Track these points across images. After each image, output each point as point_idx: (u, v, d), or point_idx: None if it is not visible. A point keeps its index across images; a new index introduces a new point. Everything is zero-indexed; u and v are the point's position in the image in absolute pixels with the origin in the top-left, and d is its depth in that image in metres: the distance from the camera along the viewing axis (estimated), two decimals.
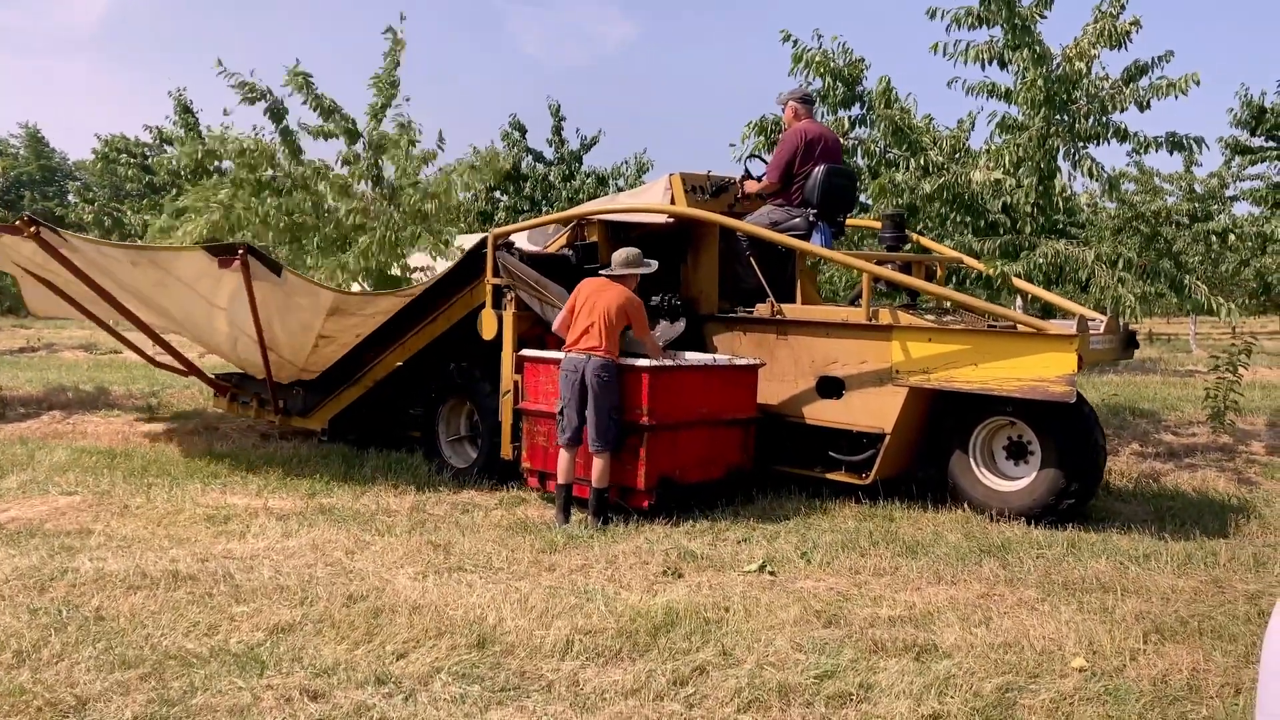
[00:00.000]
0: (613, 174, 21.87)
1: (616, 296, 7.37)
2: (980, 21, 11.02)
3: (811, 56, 11.92)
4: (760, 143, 11.80)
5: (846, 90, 12.14)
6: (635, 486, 7.50)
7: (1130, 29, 10.58)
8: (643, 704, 4.27)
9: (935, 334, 7.69)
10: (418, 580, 5.94)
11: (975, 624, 5.25)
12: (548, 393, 7.87)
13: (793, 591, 5.83)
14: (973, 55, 11.11)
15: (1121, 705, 4.21)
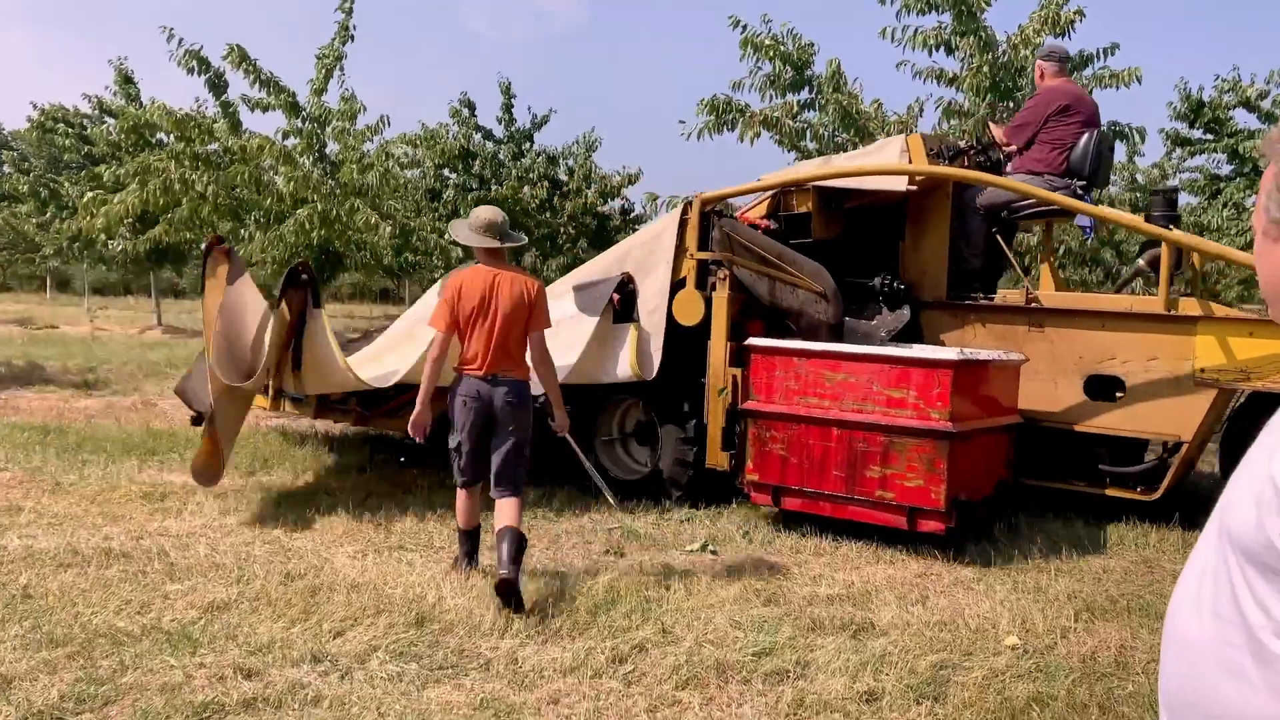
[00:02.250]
0: (563, 153, 21.73)
1: (522, 287, 5.44)
2: (929, 7, 11.12)
3: (760, 41, 11.95)
4: (710, 122, 11.81)
5: (796, 74, 12.19)
6: (930, 507, 6.12)
7: (1074, 18, 10.75)
8: (581, 681, 4.27)
9: (1259, 328, 6.42)
10: (357, 559, 5.88)
11: (912, 603, 5.32)
12: (787, 391, 6.61)
13: (734, 570, 5.86)
14: (921, 40, 11.21)
15: (1051, 681, 4.29)
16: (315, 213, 10.66)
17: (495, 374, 5.33)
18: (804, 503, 6.60)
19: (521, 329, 5.37)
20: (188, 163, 10.84)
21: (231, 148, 10.98)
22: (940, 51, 11.41)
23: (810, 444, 6.49)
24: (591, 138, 22.05)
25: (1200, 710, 1.35)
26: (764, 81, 12.14)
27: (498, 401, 5.34)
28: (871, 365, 6.31)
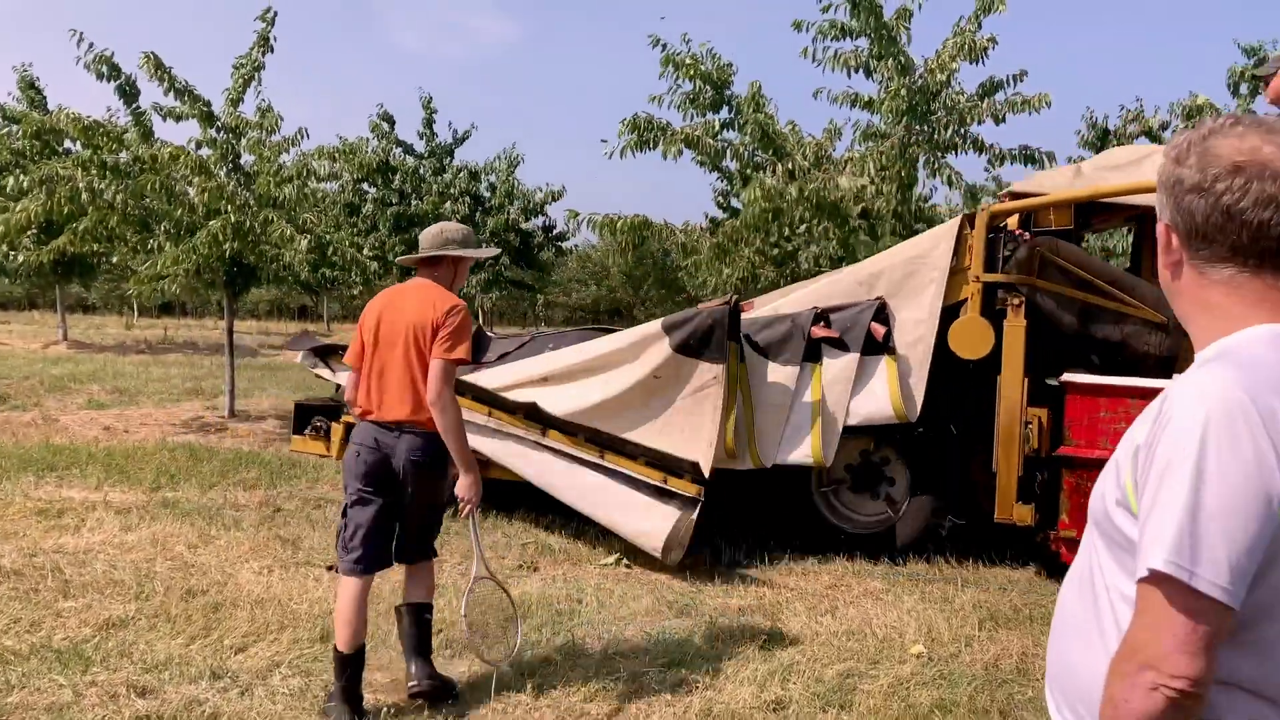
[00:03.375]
0: (485, 169, 21.65)
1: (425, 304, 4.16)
2: (845, 33, 11.32)
3: (680, 59, 12.05)
4: (632, 140, 11.85)
5: (715, 94, 12.31)
6: None
7: (988, 45, 11.01)
8: (488, 694, 4.22)
9: None
10: (262, 575, 5.74)
11: (822, 613, 5.37)
12: (1115, 435, 5.50)
13: (647, 583, 5.86)
14: (840, 62, 11.39)
15: (954, 688, 4.36)
16: (229, 224, 10.42)
17: (397, 421, 4.13)
18: None
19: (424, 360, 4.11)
20: (95, 171, 10.54)
21: (142, 157, 10.70)
22: (859, 74, 11.61)
23: None
24: (514, 154, 22.01)
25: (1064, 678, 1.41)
26: (684, 100, 12.23)
27: (400, 458, 4.12)
28: None
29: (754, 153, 12.18)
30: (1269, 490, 1.22)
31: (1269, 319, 1.34)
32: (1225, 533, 1.22)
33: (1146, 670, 1.25)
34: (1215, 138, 1.37)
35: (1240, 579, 1.22)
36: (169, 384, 15.68)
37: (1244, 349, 1.33)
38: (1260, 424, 1.24)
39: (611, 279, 43.67)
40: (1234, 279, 1.37)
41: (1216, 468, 1.23)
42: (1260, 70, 6.85)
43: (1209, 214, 1.36)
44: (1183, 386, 1.31)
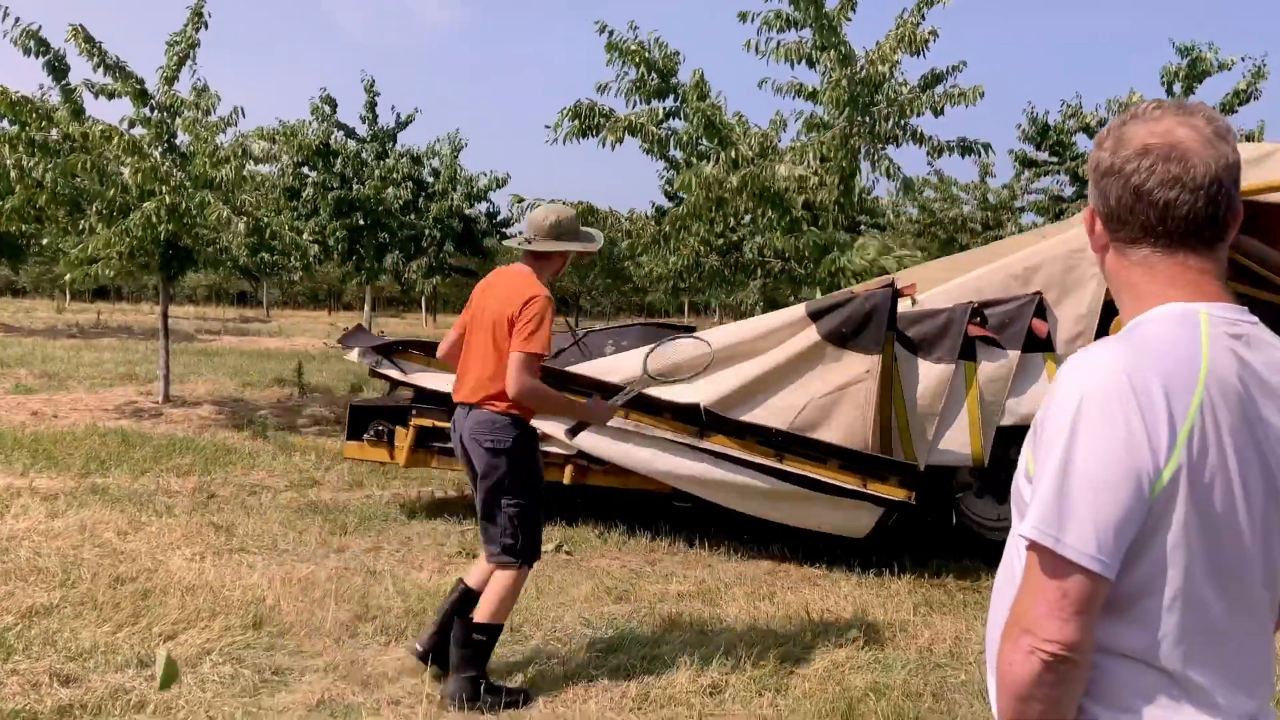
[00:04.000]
0: (428, 153, 21.43)
1: (509, 290, 4.18)
2: (789, 24, 11.36)
3: (626, 46, 12.01)
4: (575, 127, 11.79)
5: (661, 82, 12.29)
6: None
7: (929, 38, 11.12)
8: (424, 682, 4.18)
9: None
10: (194, 561, 5.64)
11: (760, 598, 5.40)
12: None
13: (587, 570, 5.84)
14: (783, 53, 11.43)
15: (888, 672, 4.41)
16: (163, 206, 10.18)
17: (468, 402, 4.19)
18: None
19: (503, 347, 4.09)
20: (23, 148, 10.24)
21: (73, 135, 10.42)
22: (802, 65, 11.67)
23: None
24: (458, 139, 21.82)
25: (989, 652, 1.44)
26: (630, 87, 12.20)
27: (466, 436, 4.18)
28: None
29: (698, 141, 12.18)
30: (1138, 467, 1.25)
31: (1182, 298, 1.36)
32: (1092, 504, 1.25)
33: (1025, 635, 1.29)
34: (1133, 122, 1.39)
35: (1109, 550, 1.25)
36: (101, 369, 15.34)
37: (1144, 327, 1.36)
38: (1134, 402, 1.26)
39: None
40: (1148, 259, 1.39)
41: (1086, 442, 1.26)
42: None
43: (1120, 195, 1.38)
44: (1069, 364, 1.33)
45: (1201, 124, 1.35)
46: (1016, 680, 1.30)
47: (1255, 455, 1.30)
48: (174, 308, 15.09)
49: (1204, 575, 1.29)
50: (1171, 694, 1.31)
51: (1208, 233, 1.36)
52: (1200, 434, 1.27)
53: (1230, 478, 1.28)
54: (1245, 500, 1.29)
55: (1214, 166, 1.33)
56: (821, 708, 4.02)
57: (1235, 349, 1.32)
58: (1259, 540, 1.31)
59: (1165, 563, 1.28)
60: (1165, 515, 1.27)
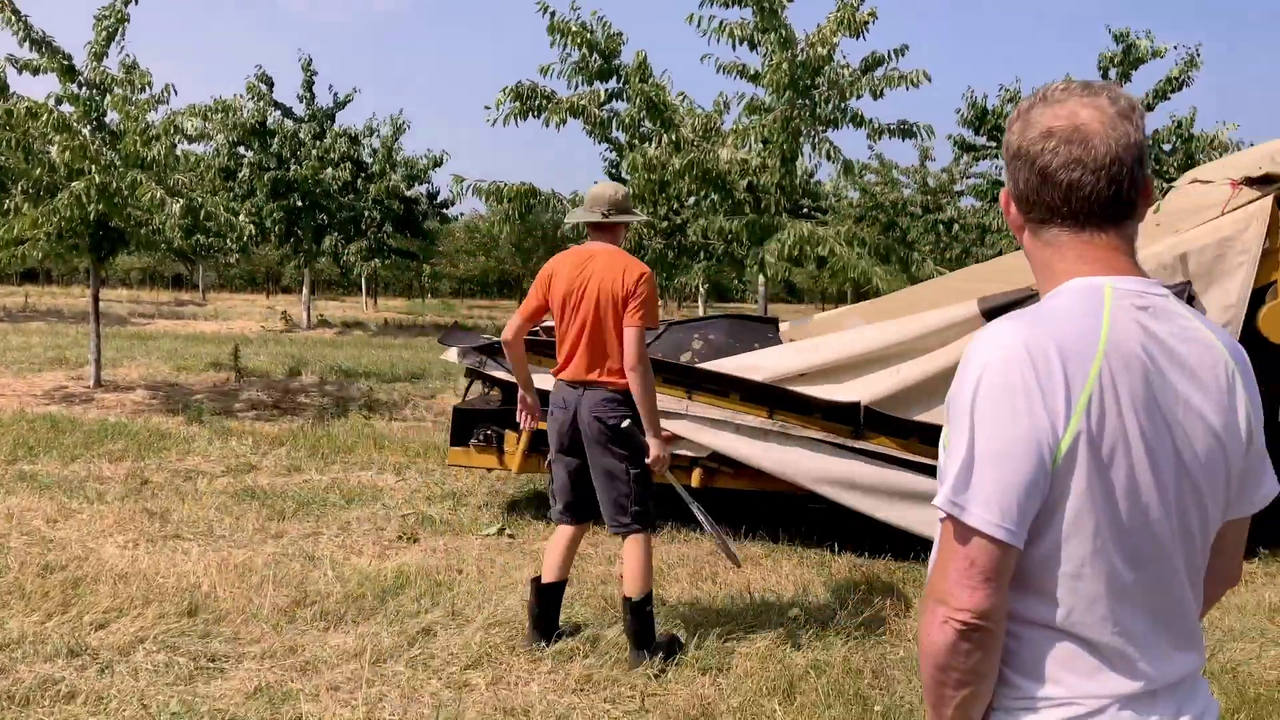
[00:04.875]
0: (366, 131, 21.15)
1: (612, 269, 4.32)
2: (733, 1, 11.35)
3: (568, 27, 11.92)
4: (516, 108, 11.69)
5: (604, 63, 12.22)
6: None
7: (868, 20, 11.17)
8: (364, 667, 4.14)
9: None
10: (127, 549, 5.52)
11: (703, 579, 5.42)
12: None
13: (529, 553, 5.82)
14: (725, 32, 11.42)
15: (829, 649, 4.45)
16: (93, 185, 9.91)
17: (585, 379, 4.32)
18: None
19: (615, 325, 4.27)
20: None
21: None
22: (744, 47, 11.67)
23: None
24: (399, 120, 21.55)
25: None
26: (572, 68, 12.12)
27: (585, 413, 4.29)
28: None
29: (641, 123, 12.14)
30: (1038, 435, 1.27)
31: (1089, 273, 1.38)
32: (995, 473, 1.27)
33: (939, 606, 1.31)
34: (1040, 105, 1.41)
35: (1013, 518, 1.27)
36: (30, 353, 14.94)
37: (1050, 301, 1.38)
38: (1032, 372, 1.28)
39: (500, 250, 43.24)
40: (1058, 238, 1.41)
41: (988, 413, 1.29)
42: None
43: (1028, 177, 1.40)
44: (975, 339, 1.35)
45: (1105, 104, 1.37)
46: (934, 650, 1.32)
47: (1163, 422, 1.32)
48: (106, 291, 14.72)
49: (1112, 542, 1.31)
50: (1089, 661, 1.33)
51: (1112, 210, 1.38)
52: (1099, 401, 1.29)
53: (1133, 444, 1.30)
54: (1152, 466, 1.31)
55: (1115, 147, 1.35)
56: (762, 686, 4.05)
57: (1141, 320, 1.34)
58: (1171, 506, 1.34)
59: (1071, 530, 1.30)
60: (1068, 483, 1.29)
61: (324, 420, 10.20)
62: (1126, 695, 1.33)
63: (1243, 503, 1.43)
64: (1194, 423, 1.34)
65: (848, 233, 11.06)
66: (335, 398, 11.77)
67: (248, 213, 18.21)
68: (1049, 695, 1.34)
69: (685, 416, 5.95)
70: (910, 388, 5.86)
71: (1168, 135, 18.69)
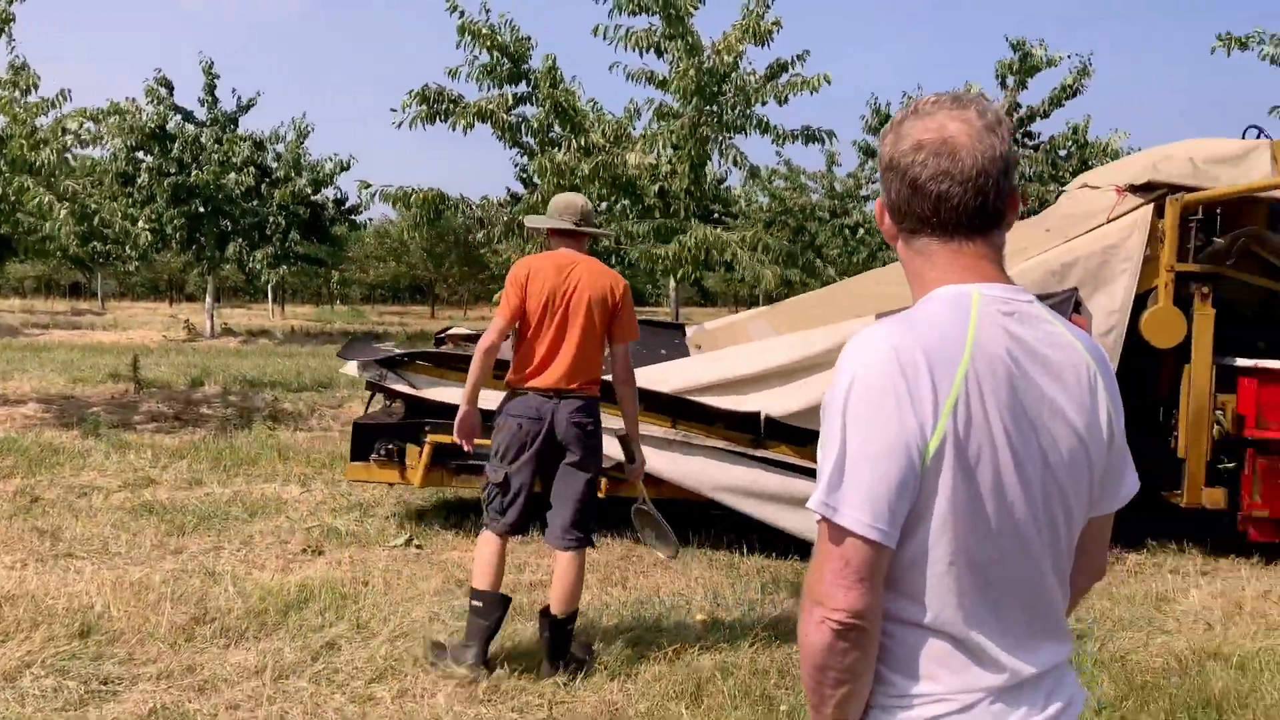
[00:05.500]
0: (271, 138, 20.72)
1: (600, 279, 4.31)
2: (640, 9, 11.42)
3: (478, 29, 11.87)
4: (422, 112, 11.59)
5: (513, 66, 12.19)
6: None
7: (773, 28, 11.35)
8: (266, 684, 4.05)
9: None
10: (14, 570, 5.31)
11: (613, 584, 5.43)
12: None
13: (438, 563, 5.76)
14: (633, 41, 11.48)
15: (736, 651, 4.49)
16: None
17: (563, 388, 4.24)
18: None
19: (599, 335, 4.29)
20: None
21: None
22: (651, 54, 11.75)
23: None
24: (303, 124, 21.17)
25: None
26: (480, 71, 12.07)
27: (563, 423, 4.22)
28: None
29: (550, 128, 12.14)
30: (907, 438, 1.31)
31: (957, 281, 1.43)
32: (866, 475, 1.31)
33: (816, 606, 1.34)
34: (911, 118, 1.45)
35: (885, 518, 1.31)
36: None
37: (919, 308, 1.42)
38: (900, 376, 1.32)
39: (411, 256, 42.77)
40: (928, 247, 1.45)
41: (858, 417, 1.32)
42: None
43: (899, 189, 1.44)
44: (848, 345, 1.39)
45: (973, 117, 1.41)
46: (812, 650, 1.35)
47: (1028, 423, 1.37)
48: None
49: (979, 541, 1.35)
50: (960, 657, 1.37)
51: (979, 221, 1.42)
52: (965, 405, 1.33)
53: (999, 446, 1.34)
54: (1017, 467, 1.35)
55: (981, 159, 1.39)
56: (670, 689, 4.07)
57: (1007, 325, 1.39)
58: (1037, 504, 1.38)
59: (940, 531, 1.34)
60: (936, 484, 1.32)
61: (227, 432, 9.96)
62: (997, 688, 1.38)
63: (1106, 500, 1.49)
64: (1058, 424, 1.39)
65: (752, 237, 11.22)
66: (239, 408, 11.50)
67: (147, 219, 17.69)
68: (923, 692, 1.38)
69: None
70: (814, 404, 5.86)
71: (1063, 141, 19.31)
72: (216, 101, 20.22)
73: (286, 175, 20.27)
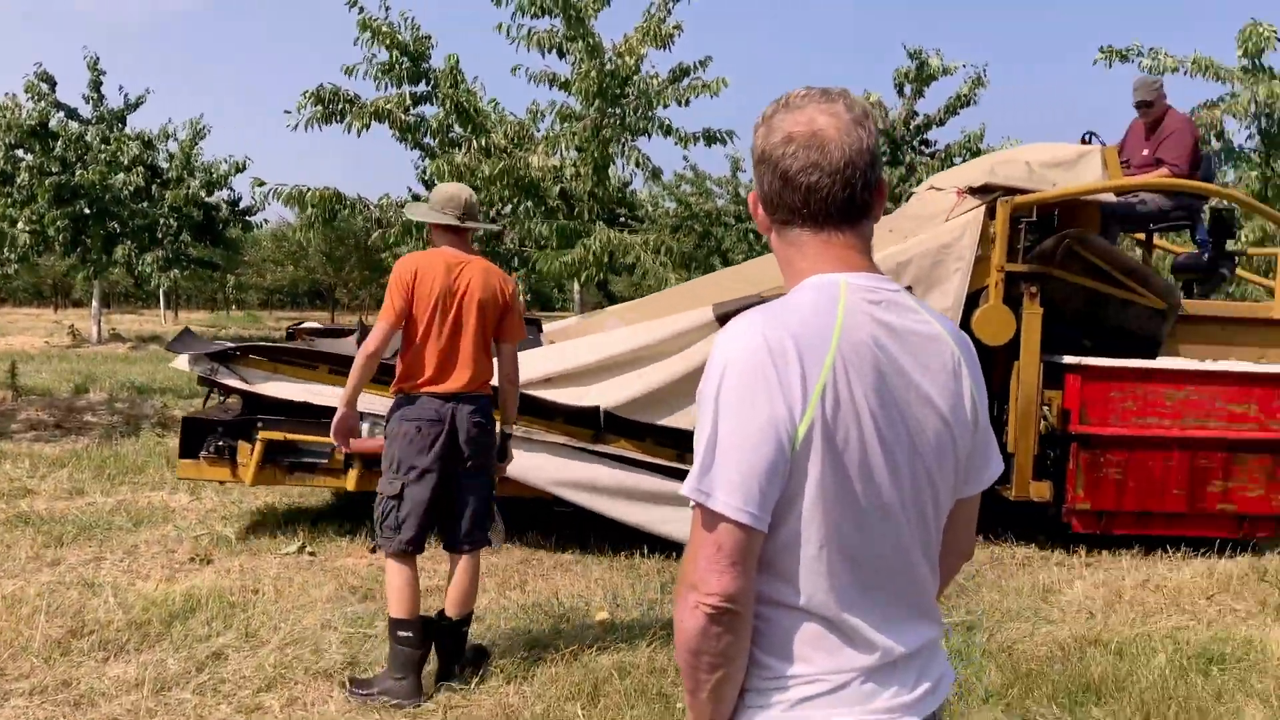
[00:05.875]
0: (161, 136, 20.07)
1: (490, 277, 4.22)
2: (543, 11, 11.39)
3: (377, 26, 11.69)
4: (318, 112, 11.37)
5: (412, 65, 12.04)
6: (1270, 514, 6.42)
7: (674, 32, 11.42)
8: (147, 696, 3.90)
9: None
10: None
11: (511, 588, 5.38)
12: (1125, 412, 6.34)
13: (331, 570, 5.63)
14: (535, 41, 11.44)
15: (634, 650, 4.48)
16: None
17: (460, 390, 4.11)
18: (1135, 525, 6.45)
19: (490, 336, 4.20)
20: None
21: None
22: (553, 55, 11.72)
23: (1149, 465, 6.37)
24: (199, 124, 20.56)
25: None
26: (379, 70, 11.88)
27: (464, 426, 4.10)
28: (1215, 381, 6.40)
29: (450, 129, 12.02)
30: (777, 422, 1.32)
31: (826, 270, 1.45)
32: (738, 460, 1.32)
33: (690, 592, 1.35)
34: (782, 111, 1.47)
35: (756, 502, 1.32)
36: None
37: (789, 297, 1.44)
38: (770, 362, 1.33)
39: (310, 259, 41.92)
40: (800, 238, 1.47)
41: (730, 403, 1.34)
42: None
43: (771, 181, 1.46)
44: (721, 334, 1.40)
45: (841, 110, 1.44)
46: (687, 635, 1.36)
47: (895, 408, 1.39)
48: None
49: (849, 524, 1.37)
50: (833, 639, 1.39)
51: (847, 211, 1.45)
52: (834, 390, 1.35)
53: (866, 431, 1.36)
54: (885, 451, 1.38)
55: (849, 151, 1.42)
56: (567, 691, 4.05)
57: (874, 313, 1.42)
58: (905, 488, 1.41)
59: (811, 515, 1.36)
60: (806, 468, 1.34)
61: (112, 440, 9.60)
62: (869, 668, 1.40)
63: (972, 482, 1.53)
64: (924, 408, 1.42)
65: (656, 240, 11.26)
66: (126, 416, 11.09)
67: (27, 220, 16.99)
68: (797, 673, 1.39)
69: None
70: (652, 392, 5.98)
71: (959, 149, 19.84)
72: (103, 99, 19.52)
73: (178, 176, 19.63)
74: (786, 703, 1.39)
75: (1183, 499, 6.37)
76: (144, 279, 20.43)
